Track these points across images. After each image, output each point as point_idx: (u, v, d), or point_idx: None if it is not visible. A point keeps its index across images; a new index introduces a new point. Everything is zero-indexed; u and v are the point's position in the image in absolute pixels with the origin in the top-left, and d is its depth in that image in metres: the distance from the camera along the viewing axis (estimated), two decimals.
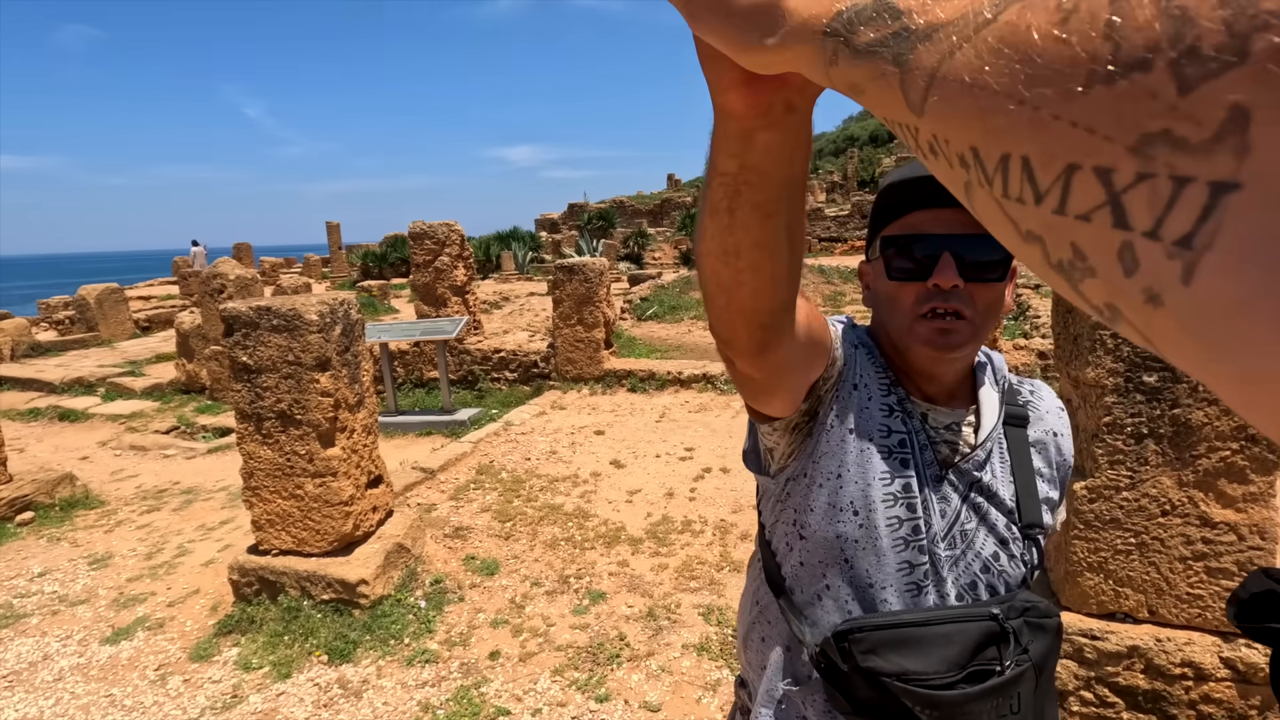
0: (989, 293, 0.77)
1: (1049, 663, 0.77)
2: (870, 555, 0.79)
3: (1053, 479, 0.87)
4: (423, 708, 2.57)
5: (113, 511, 4.86)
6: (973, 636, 0.73)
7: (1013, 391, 0.88)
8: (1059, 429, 0.89)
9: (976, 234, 0.75)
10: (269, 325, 3.06)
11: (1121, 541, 2.07)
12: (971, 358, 0.85)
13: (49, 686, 2.89)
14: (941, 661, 0.72)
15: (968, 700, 0.71)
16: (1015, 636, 0.74)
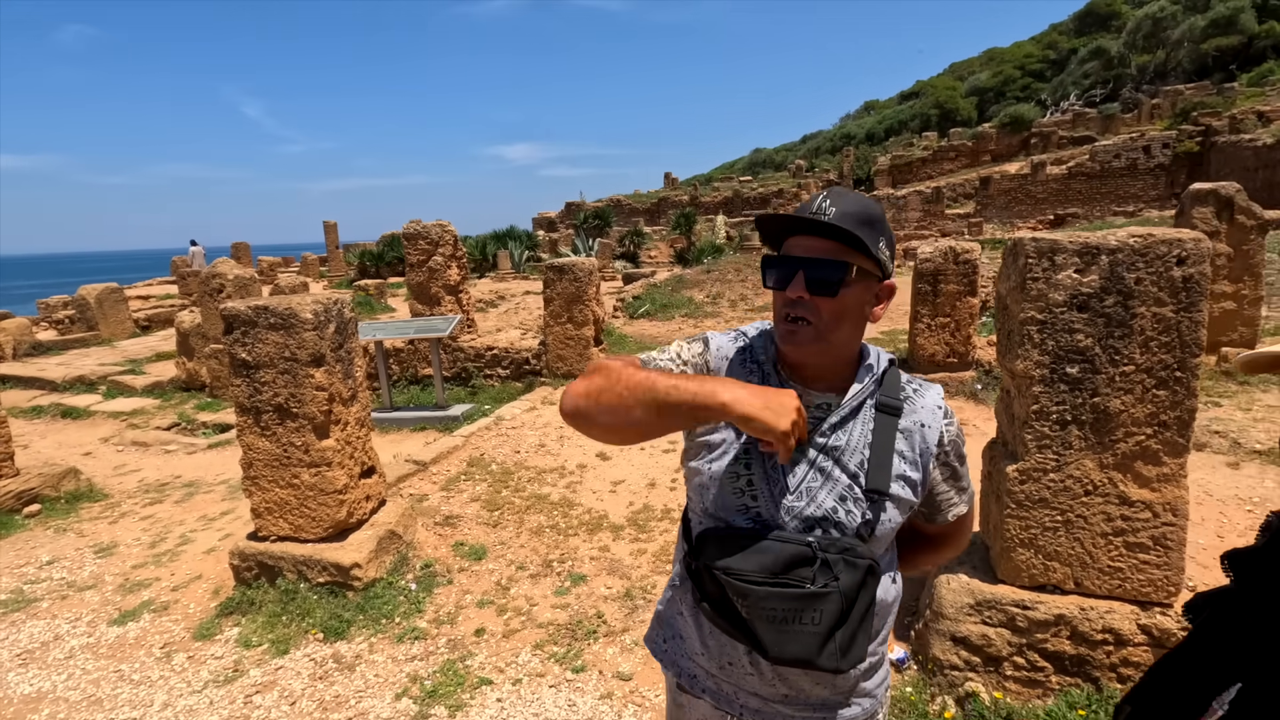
0: (831, 304, 1.00)
1: (860, 597, 0.97)
2: (717, 494, 1.06)
3: (914, 461, 1.07)
4: (411, 679, 2.76)
5: (116, 504, 5.04)
6: (787, 554, 0.96)
7: (895, 387, 1.08)
8: (929, 423, 1.08)
9: (826, 259, 0.98)
10: (266, 323, 3.24)
11: (1049, 519, 2.26)
12: (833, 353, 1.06)
13: (60, 663, 3.07)
14: (759, 566, 0.96)
15: (769, 596, 0.94)
16: (828, 565, 0.94)
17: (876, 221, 1.01)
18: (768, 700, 1.11)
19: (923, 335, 5.59)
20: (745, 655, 1.08)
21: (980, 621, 2.36)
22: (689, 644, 1.17)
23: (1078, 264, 2.08)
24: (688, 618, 1.16)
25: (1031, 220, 23.13)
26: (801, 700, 1.10)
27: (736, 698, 1.13)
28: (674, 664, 1.21)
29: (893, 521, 1.04)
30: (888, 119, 46.76)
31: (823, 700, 1.10)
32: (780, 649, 0.96)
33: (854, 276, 0.99)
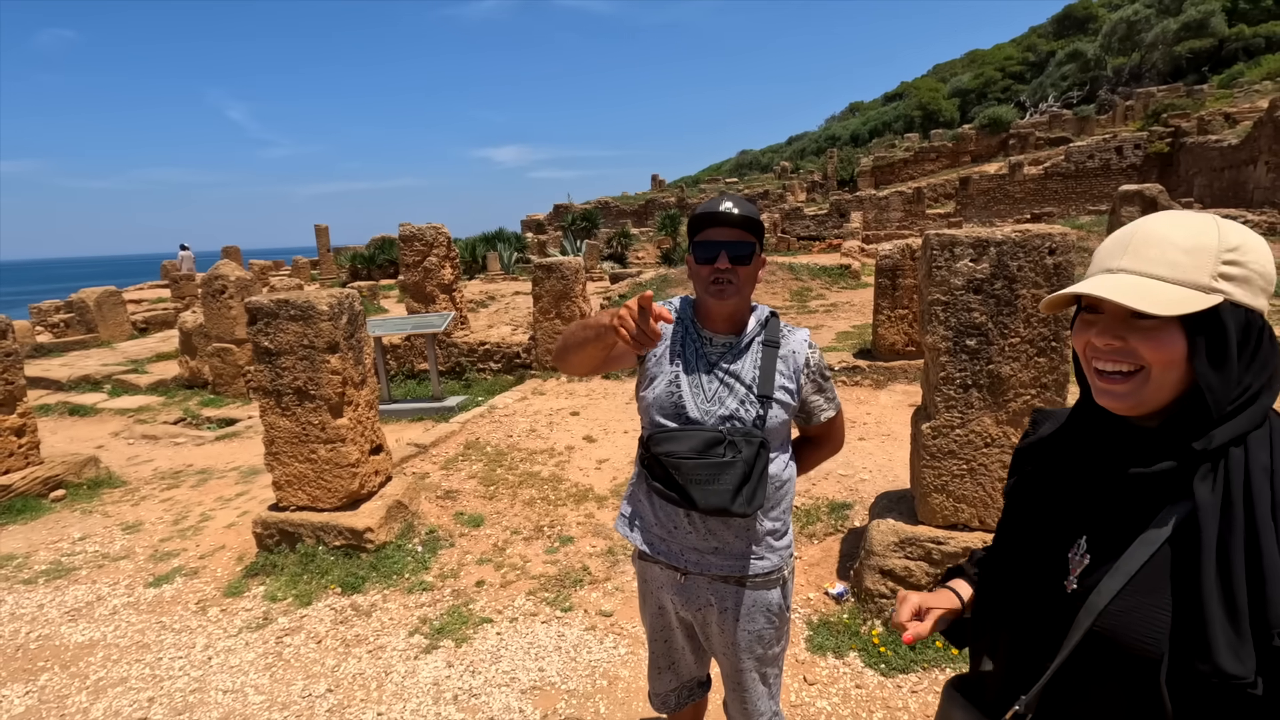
0: (746, 270, 1.50)
1: (756, 463, 1.44)
2: (658, 408, 1.53)
3: (791, 376, 1.55)
4: (421, 620, 3.18)
5: (135, 489, 5.41)
6: (706, 438, 1.44)
7: (775, 330, 1.57)
8: (798, 350, 1.58)
9: (740, 240, 1.44)
10: (287, 315, 3.65)
11: (957, 468, 2.71)
12: (739, 307, 1.54)
13: (107, 618, 3.46)
14: (688, 448, 1.44)
15: (695, 467, 1.42)
16: (734, 443, 1.40)
17: (759, 219, 1.52)
18: (703, 553, 1.57)
19: (884, 326, 6.06)
20: (684, 518, 1.54)
21: (903, 556, 2.81)
22: (646, 519, 1.64)
23: (972, 254, 2.54)
24: (644, 500, 1.63)
25: (1010, 219, 23.77)
26: (727, 550, 1.56)
27: (682, 554, 1.59)
28: (636, 537, 1.67)
29: (778, 418, 1.52)
30: (872, 120, 47.49)
31: (743, 550, 1.56)
32: (705, 501, 1.44)
33: (756, 252, 1.50)
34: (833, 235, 24.63)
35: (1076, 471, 0.89)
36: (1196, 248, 0.77)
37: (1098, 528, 0.84)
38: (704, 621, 1.64)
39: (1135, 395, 0.79)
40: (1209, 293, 0.76)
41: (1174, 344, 0.76)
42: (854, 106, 60.13)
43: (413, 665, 2.85)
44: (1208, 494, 0.75)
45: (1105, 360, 0.81)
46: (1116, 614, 0.78)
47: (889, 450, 4.59)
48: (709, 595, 1.60)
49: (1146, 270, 0.78)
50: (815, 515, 3.77)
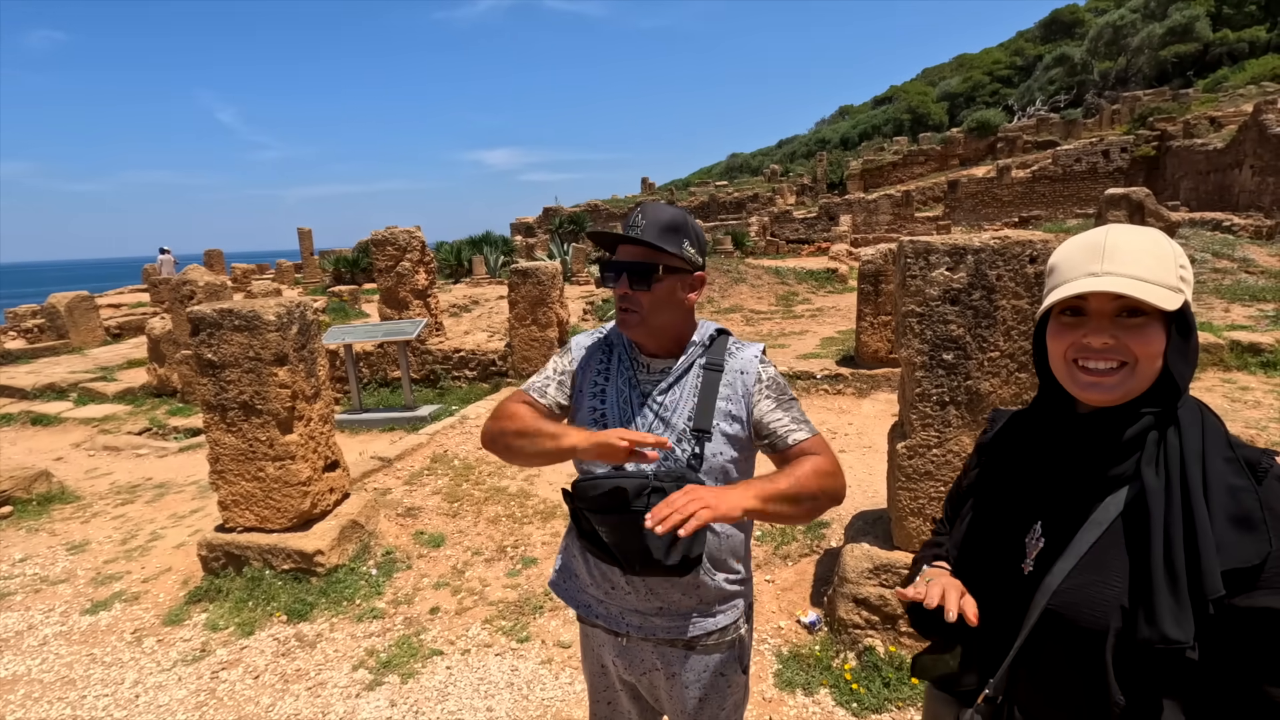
0: (648, 296, 1.30)
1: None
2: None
3: (738, 401, 1.32)
4: (368, 652, 2.98)
5: (88, 505, 5.17)
6: (632, 486, 1.20)
7: (720, 351, 1.36)
8: (746, 369, 1.35)
9: (640, 262, 1.30)
10: (231, 325, 3.44)
11: (934, 490, 2.54)
12: (660, 333, 1.35)
13: (35, 650, 3.24)
14: (613, 498, 1.20)
15: (620, 522, 1.19)
16: (662, 490, 1.19)
17: (680, 227, 1.30)
18: (646, 615, 1.36)
19: (866, 333, 5.90)
20: (622, 577, 1.33)
21: (878, 584, 2.63)
22: (581, 579, 1.43)
23: (949, 263, 2.37)
24: (577, 556, 1.42)
25: (998, 222, 23.75)
26: (673, 610, 1.35)
27: (622, 617, 1.38)
28: (573, 599, 1.46)
29: (723, 454, 1.29)
30: (862, 123, 47.54)
31: (691, 609, 1.35)
32: (633, 561, 1.21)
33: (662, 274, 1.29)
34: (821, 238, 24.55)
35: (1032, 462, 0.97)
36: (1160, 255, 0.85)
37: (1052, 513, 0.92)
38: (651, 685, 1.44)
39: (1124, 386, 0.85)
40: (1177, 292, 0.84)
41: (1159, 338, 0.84)
42: (844, 110, 60.27)
43: (353, 705, 2.65)
44: (1153, 478, 0.83)
45: (1100, 358, 0.86)
46: (1068, 591, 0.85)
47: (870, 463, 4.42)
48: (654, 659, 1.40)
49: (1131, 273, 0.83)
50: (790, 534, 3.60)
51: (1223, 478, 0.81)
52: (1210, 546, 0.77)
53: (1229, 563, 0.77)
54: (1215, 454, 0.83)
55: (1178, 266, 0.85)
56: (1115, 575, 0.83)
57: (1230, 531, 0.78)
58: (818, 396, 5.85)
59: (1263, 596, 0.76)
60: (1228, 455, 0.83)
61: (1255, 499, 0.79)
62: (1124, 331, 0.84)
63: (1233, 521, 0.79)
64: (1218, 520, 0.79)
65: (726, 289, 11.84)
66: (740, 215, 29.46)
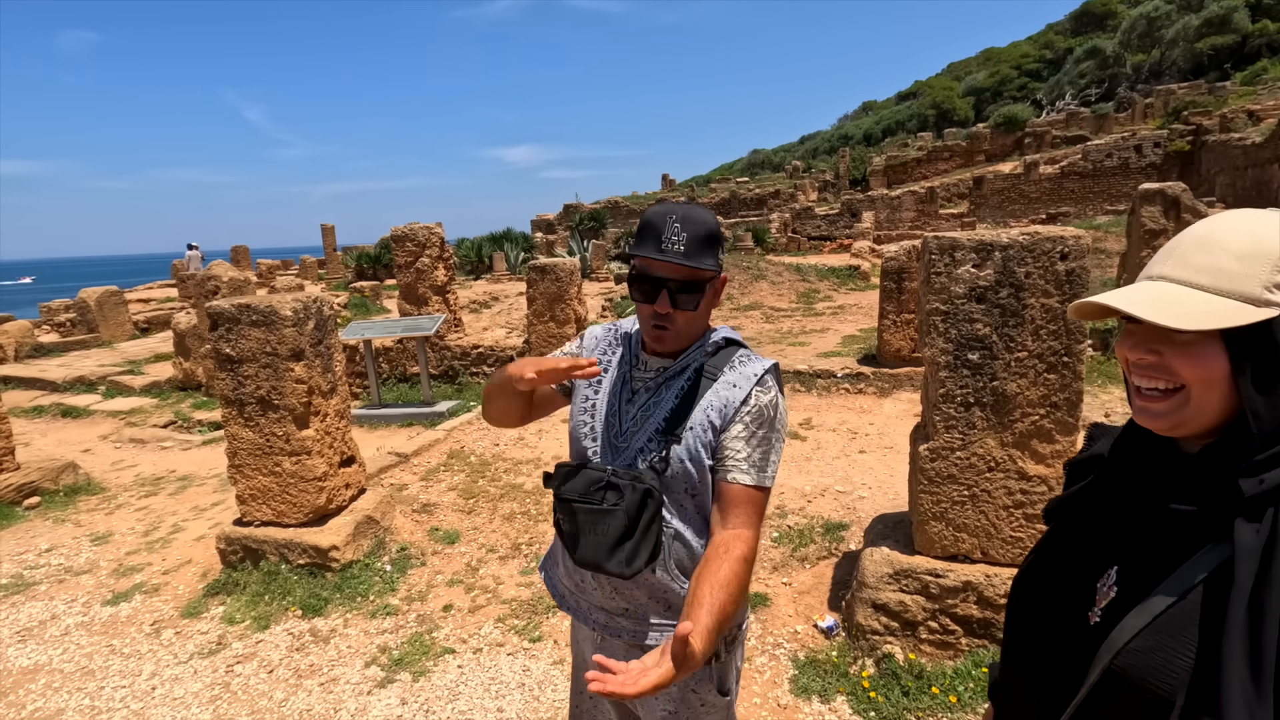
0: (687, 315, 1.26)
1: (641, 515, 1.20)
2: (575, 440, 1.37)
3: (720, 411, 1.24)
4: (380, 649, 2.97)
5: (113, 496, 5.26)
6: (592, 478, 1.22)
7: (724, 359, 1.30)
8: (739, 384, 1.25)
9: (686, 280, 1.23)
10: (249, 320, 3.45)
11: (957, 494, 2.46)
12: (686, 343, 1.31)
13: (56, 639, 3.28)
14: (573, 488, 1.24)
15: (578, 511, 1.22)
16: (618, 487, 1.20)
17: (717, 235, 1.25)
18: (612, 614, 1.32)
19: (889, 331, 5.79)
20: (589, 573, 1.30)
21: (898, 589, 2.56)
22: (559, 568, 1.43)
23: (975, 259, 2.29)
24: (560, 545, 1.40)
25: (1024, 219, 23.30)
26: (638, 613, 1.30)
27: (590, 613, 1.35)
28: (552, 587, 1.46)
29: (689, 461, 1.23)
30: (885, 119, 46.94)
31: (659, 614, 1.30)
32: (581, 553, 1.23)
33: (706, 290, 1.26)
34: (844, 235, 24.27)
35: (1116, 495, 0.84)
36: (1253, 254, 0.68)
37: (1130, 559, 0.80)
38: None
39: (1174, 415, 0.73)
40: (1261, 305, 0.67)
41: (1214, 361, 0.69)
42: (867, 105, 59.54)
43: (364, 702, 2.64)
44: (1250, 537, 0.68)
45: (1143, 376, 0.75)
46: (1136, 653, 0.73)
47: (891, 465, 4.33)
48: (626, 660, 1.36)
49: (1187, 278, 0.71)
50: (809, 536, 3.53)
51: None
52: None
53: None
54: None
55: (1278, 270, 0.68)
56: (1189, 645, 0.71)
57: None
58: (838, 396, 5.76)
59: None
60: None
61: None
62: (1170, 348, 0.71)
63: None
64: None
65: (746, 286, 11.74)
66: (761, 212, 29.24)
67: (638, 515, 1.19)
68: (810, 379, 5.97)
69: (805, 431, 5.09)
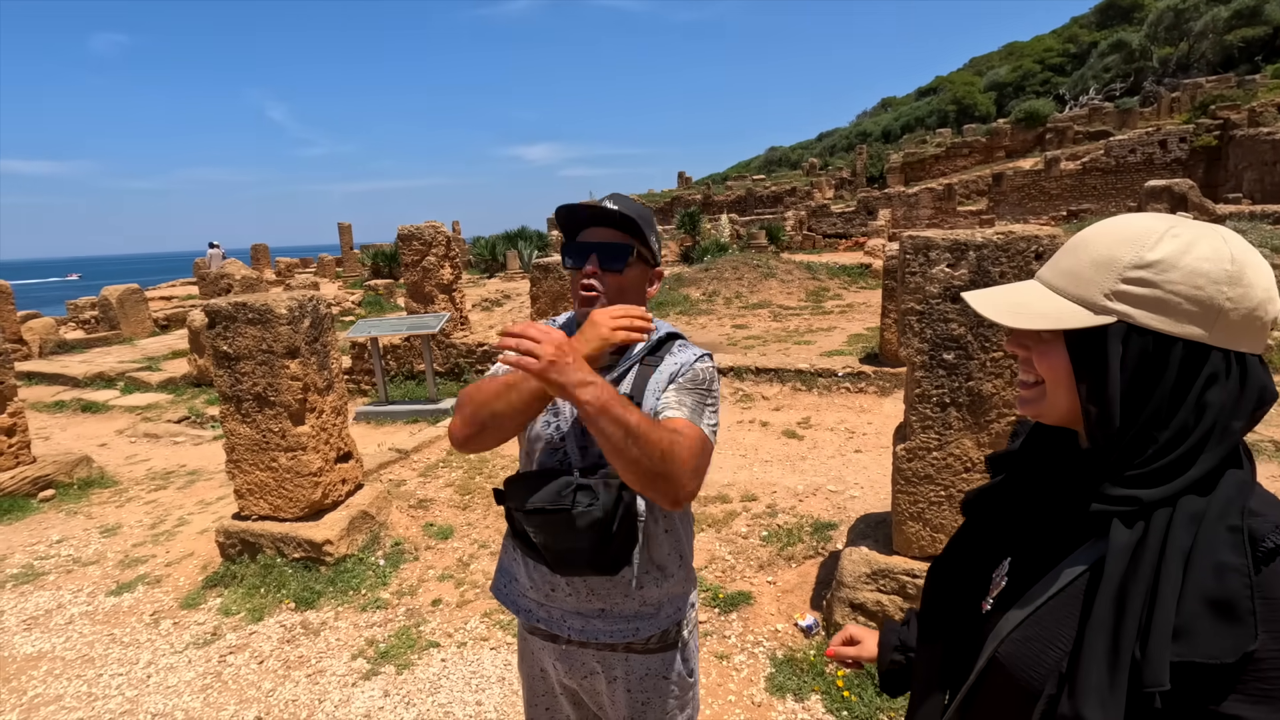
0: (617, 279, 1.27)
1: (618, 511, 1.19)
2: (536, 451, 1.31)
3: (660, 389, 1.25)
4: (368, 642, 3.02)
5: (124, 490, 5.39)
6: (556, 485, 1.18)
7: (665, 350, 1.31)
8: (680, 361, 1.29)
9: (613, 243, 1.23)
10: (245, 318, 3.53)
11: (934, 495, 2.46)
12: None
13: (61, 628, 3.38)
14: (538, 499, 1.18)
15: (545, 521, 1.18)
16: (589, 488, 1.18)
17: (648, 221, 1.28)
18: (587, 618, 1.32)
19: (890, 330, 5.75)
20: (562, 580, 1.29)
21: (875, 589, 2.56)
22: (520, 583, 1.39)
23: (949, 259, 2.28)
24: (518, 560, 1.38)
25: (1044, 216, 22.94)
26: (615, 613, 1.31)
27: (563, 620, 1.34)
28: (513, 603, 1.42)
29: None
30: (904, 116, 46.41)
31: (635, 612, 1.31)
32: (561, 561, 1.20)
33: (634, 258, 1.27)
34: (859, 233, 24.07)
35: (1020, 490, 0.86)
36: (1107, 260, 0.68)
37: (1022, 551, 0.83)
38: (592, 689, 1.40)
39: (1035, 405, 0.77)
40: (1098, 312, 0.68)
41: (1057, 361, 0.72)
42: (886, 102, 58.92)
43: (348, 693, 2.70)
44: (1122, 533, 0.70)
45: (1019, 368, 0.80)
46: (1015, 642, 0.76)
47: (885, 465, 4.30)
48: (594, 663, 1.36)
49: (1050, 279, 0.74)
50: (797, 535, 3.53)
51: (1213, 549, 0.65)
52: (1165, 630, 0.64)
53: (1190, 654, 0.63)
54: (1219, 517, 0.67)
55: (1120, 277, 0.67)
56: (1063, 638, 0.72)
57: (1204, 618, 0.64)
58: (838, 395, 5.73)
59: (1235, 704, 0.63)
60: (1233, 523, 0.66)
61: (1245, 583, 0.63)
62: (1035, 344, 0.75)
63: (1210, 605, 0.64)
64: (1190, 600, 0.65)
65: (756, 284, 11.71)
66: (777, 209, 29.10)
67: (614, 511, 1.18)
68: (811, 378, 5.95)
69: (803, 431, 5.07)
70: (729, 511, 3.90)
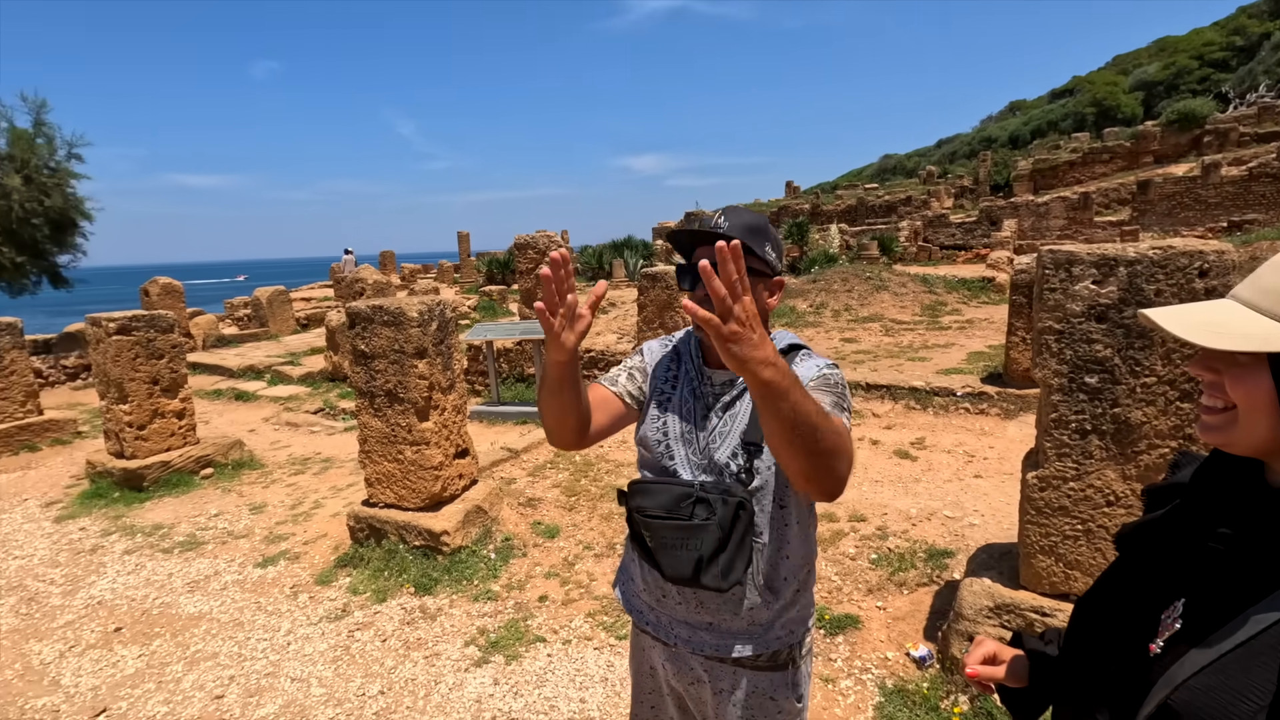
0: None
1: (734, 529, 1.20)
2: (646, 454, 1.35)
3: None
4: (480, 631, 3.17)
5: (269, 472, 5.95)
6: (677, 494, 1.21)
7: (789, 357, 1.29)
8: (812, 371, 1.26)
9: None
10: (381, 320, 3.81)
11: (1069, 528, 2.28)
12: None
13: (217, 593, 3.78)
14: (657, 505, 1.22)
15: (663, 527, 1.20)
16: (708, 502, 1.19)
17: (762, 230, 1.27)
18: (695, 628, 1.33)
19: (1017, 349, 5.39)
20: (672, 587, 1.31)
21: (998, 624, 2.40)
22: (635, 584, 1.43)
23: (1095, 275, 2.12)
24: (634, 559, 1.42)
25: (1199, 228, 20.69)
26: (723, 628, 1.31)
27: (671, 627, 1.36)
28: (628, 603, 1.46)
29: (771, 468, 1.25)
30: (1035, 120, 43.35)
31: (743, 630, 1.31)
32: (673, 569, 1.22)
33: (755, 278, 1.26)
34: (980, 244, 22.69)
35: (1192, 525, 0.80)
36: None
37: (1199, 593, 0.76)
38: (698, 697, 1.41)
39: (1223, 431, 0.71)
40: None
41: (1258, 385, 0.67)
42: (1014, 105, 55.30)
43: (461, 677, 2.84)
44: None
45: (1205, 392, 0.74)
46: (1194, 690, 0.70)
47: (1008, 492, 4.04)
48: (701, 672, 1.37)
49: (1250, 298, 0.69)
50: (909, 561, 3.37)
51: None
52: None
53: None
54: None
55: None
56: (1256, 691, 0.66)
57: None
58: (956, 415, 5.43)
59: None
60: None
61: None
62: (1227, 367, 0.70)
63: None
64: None
65: (866, 297, 11.31)
66: (890, 219, 27.99)
67: (730, 528, 1.19)
68: (926, 396, 5.67)
69: (916, 451, 4.84)
70: (836, 531, 3.78)
